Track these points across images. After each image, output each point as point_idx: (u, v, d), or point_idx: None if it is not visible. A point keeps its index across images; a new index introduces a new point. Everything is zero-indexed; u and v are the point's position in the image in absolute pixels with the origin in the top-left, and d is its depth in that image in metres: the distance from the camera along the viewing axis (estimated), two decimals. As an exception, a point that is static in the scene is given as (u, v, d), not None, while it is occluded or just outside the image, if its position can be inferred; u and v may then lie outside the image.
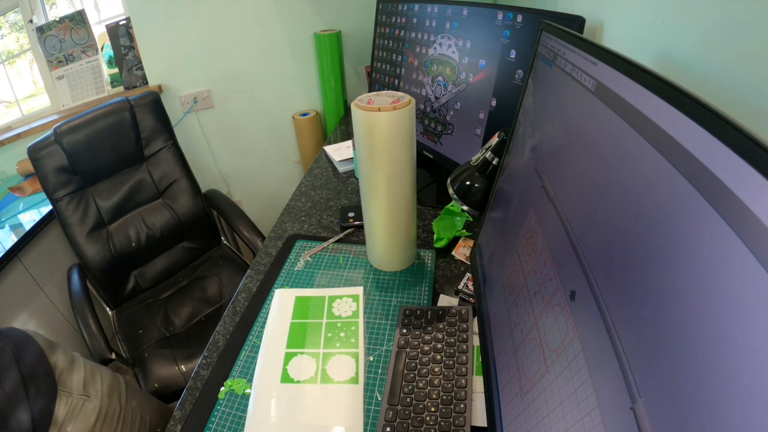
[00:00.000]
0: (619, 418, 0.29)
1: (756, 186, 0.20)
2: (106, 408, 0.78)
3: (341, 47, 1.68)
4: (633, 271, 0.30)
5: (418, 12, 1.06)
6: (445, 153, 1.04)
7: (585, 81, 0.42)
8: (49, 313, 1.44)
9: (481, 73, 0.88)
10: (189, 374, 1.12)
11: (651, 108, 0.30)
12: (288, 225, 1.02)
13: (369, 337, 0.71)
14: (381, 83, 1.29)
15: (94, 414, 0.75)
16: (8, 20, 1.71)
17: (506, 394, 0.50)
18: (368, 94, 0.70)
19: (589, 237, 0.37)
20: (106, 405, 0.78)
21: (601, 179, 0.37)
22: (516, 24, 0.78)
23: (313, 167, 1.30)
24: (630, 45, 0.67)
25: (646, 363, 0.27)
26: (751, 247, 0.20)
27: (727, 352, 0.21)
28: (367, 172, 0.73)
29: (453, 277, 0.82)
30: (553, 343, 0.41)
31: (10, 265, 1.29)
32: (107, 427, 0.76)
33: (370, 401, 0.62)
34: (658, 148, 0.29)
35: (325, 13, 1.67)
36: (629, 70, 0.34)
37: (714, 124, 0.23)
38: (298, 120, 1.83)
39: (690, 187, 0.25)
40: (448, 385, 0.60)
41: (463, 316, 0.68)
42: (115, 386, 0.84)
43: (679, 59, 0.56)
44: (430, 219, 0.98)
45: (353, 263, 0.87)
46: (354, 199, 1.11)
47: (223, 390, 0.65)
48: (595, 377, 0.33)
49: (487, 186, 0.76)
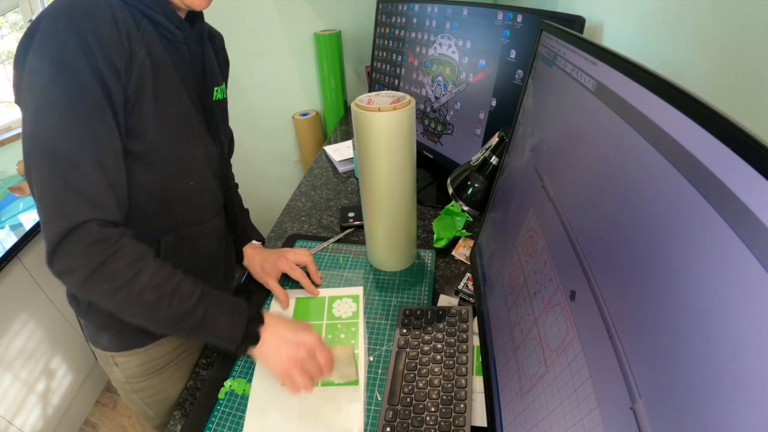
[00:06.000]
0: (619, 418, 0.29)
1: (756, 186, 0.20)
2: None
3: (341, 47, 1.68)
4: (633, 271, 0.30)
5: (418, 12, 1.06)
6: (445, 153, 1.04)
7: (585, 81, 0.42)
8: (49, 313, 1.44)
9: (481, 73, 0.88)
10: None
11: (651, 108, 0.30)
12: (288, 225, 1.02)
13: (369, 338, 0.71)
14: (381, 83, 1.29)
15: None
16: (8, 20, 1.72)
17: (506, 394, 0.50)
18: (368, 94, 0.70)
19: (589, 237, 0.37)
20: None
21: (601, 179, 0.37)
22: (516, 24, 0.78)
23: (313, 167, 1.30)
24: (630, 45, 0.67)
25: (646, 363, 0.27)
26: (751, 247, 0.20)
27: (727, 352, 0.21)
28: (367, 172, 0.73)
29: (453, 277, 0.82)
30: (553, 343, 0.41)
31: (10, 265, 1.29)
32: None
33: (370, 401, 0.62)
34: (658, 148, 0.29)
35: (325, 13, 1.67)
36: (629, 70, 0.34)
37: (714, 124, 0.23)
38: (298, 120, 1.83)
39: (690, 187, 0.25)
40: (448, 385, 0.60)
41: (463, 316, 0.68)
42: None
43: (678, 59, 0.56)
44: (430, 219, 0.98)
45: (353, 263, 0.87)
46: (354, 199, 1.11)
47: (223, 390, 0.65)
48: (595, 377, 0.33)
49: (487, 186, 0.76)
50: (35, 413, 1.38)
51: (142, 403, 0.77)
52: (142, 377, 0.74)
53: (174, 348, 0.75)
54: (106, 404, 1.68)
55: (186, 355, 0.77)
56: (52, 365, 1.45)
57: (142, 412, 0.79)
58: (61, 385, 1.50)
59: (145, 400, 0.76)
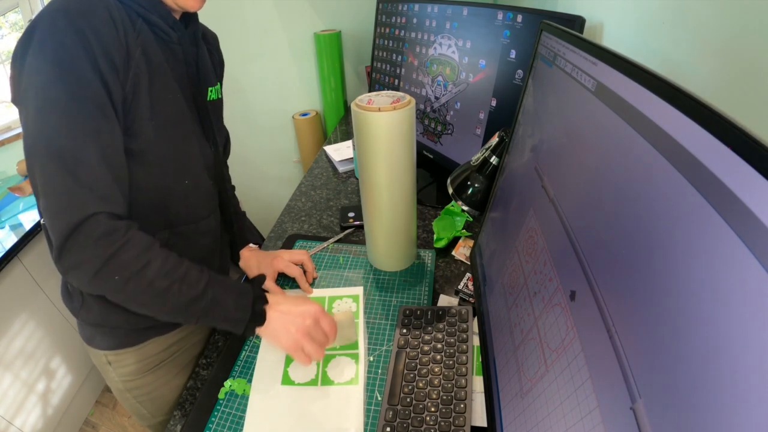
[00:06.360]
0: (619, 418, 0.29)
1: (756, 186, 0.20)
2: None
3: (341, 47, 1.68)
4: (633, 271, 0.30)
5: (418, 12, 1.06)
6: (445, 153, 1.04)
7: (585, 81, 0.42)
8: (49, 313, 1.44)
9: (481, 73, 0.88)
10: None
11: (651, 108, 0.30)
12: (288, 225, 1.02)
13: (369, 338, 0.71)
14: (381, 83, 1.29)
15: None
16: (8, 20, 1.72)
17: (506, 394, 0.50)
18: (368, 94, 0.70)
19: (589, 237, 0.37)
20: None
21: (601, 179, 0.37)
22: (516, 24, 0.78)
23: (313, 167, 1.30)
24: (630, 45, 0.67)
25: (646, 363, 0.27)
26: (751, 247, 0.20)
27: (727, 352, 0.21)
28: (367, 172, 0.73)
29: (453, 277, 0.82)
30: (553, 343, 0.41)
31: (10, 265, 1.29)
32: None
33: (370, 401, 0.62)
34: (658, 148, 0.29)
35: (325, 13, 1.67)
36: (629, 70, 0.34)
37: (714, 124, 0.23)
38: (298, 120, 1.83)
39: (690, 187, 0.25)
40: (448, 385, 0.60)
41: (463, 316, 0.68)
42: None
43: (678, 59, 0.56)
44: (430, 219, 0.98)
45: (353, 263, 0.87)
46: (354, 199, 1.11)
47: (223, 390, 0.65)
48: (595, 377, 0.33)
49: (487, 186, 0.76)
50: (35, 413, 1.38)
51: (136, 402, 0.77)
52: (135, 376, 0.74)
53: (167, 347, 0.75)
54: (106, 404, 1.68)
55: (179, 354, 0.77)
56: (52, 365, 1.45)
57: (136, 411, 0.79)
58: (61, 385, 1.50)
59: (139, 399, 0.76)
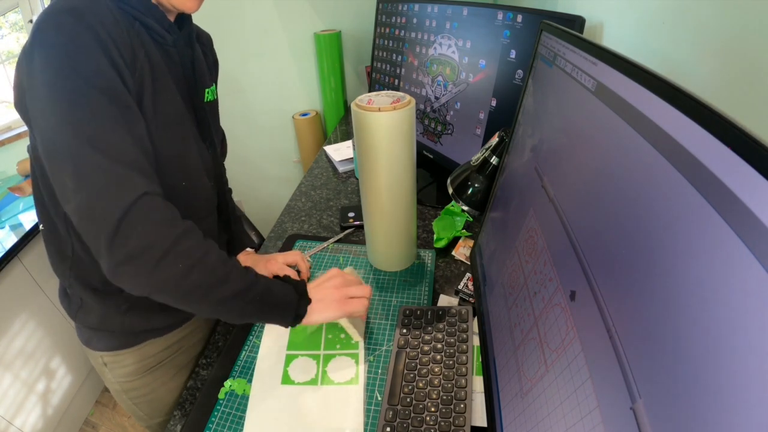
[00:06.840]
0: (619, 418, 0.29)
1: (756, 186, 0.20)
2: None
3: (341, 47, 1.68)
4: (633, 271, 0.30)
5: (418, 12, 1.06)
6: (445, 153, 1.04)
7: (585, 81, 0.42)
8: (49, 314, 1.44)
9: (481, 73, 0.88)
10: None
11: (651, 108, 0.30)
12: (288, 225, 1.02)
13: (369, 338, 0.71)
14: (381, 83, 1.29)
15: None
16: (8, 20, 1.72)
17: (506, 394, 0.50)
18: (368, 94, 0.70)
19: (589, 237, 0.37)
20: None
21: (601, 179, 0.37)
22: (516, 24, 0.78)
23: (313, 167, 1.30)
24: (630, 45, 0.67)
25: (646, 363, 0.27)
26: (751, 247, 0.20)
27: (728, 352, 0.21)
28: (367, 172, 0.73)
29: (453, 277, 0.82)
30: (553, 343, 0.41)
31: (10, 265, 1.29)
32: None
33: (370, 401, 0.62)
34: (658, 148, 0.29)
35: (325, 13, 1.67)
36: (629, 70, 0.34)
37: (714, 124, 0.23)
38: (298, 120, 1.83)
39: (690, 187, 0.25)
40: (448, 385, 0.60)
41: (463, 316, 0.68)
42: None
43: (679, 59, 0.56)
44: (430, 219, 0.98)
45: (353, 263, 0.87)
46: (354, 199, 1.11)
47: (223, 390, 0.65)
48: (595, 377, 0.33)
49: (487, 186, 0.76)
50: (35, 413, 1.38)
51: (132, 404, 0.77)
52: (131, 377, 0.74)
53: (164, 348, 0.75)
54: (106, 404, 1.68)
55: (176, 356, 0.77)
56: (52, 365, 1.45)
57: (133, 412, 0.79)
58: (61, 385, 1.50)
59: (135, 400, 0.76)
